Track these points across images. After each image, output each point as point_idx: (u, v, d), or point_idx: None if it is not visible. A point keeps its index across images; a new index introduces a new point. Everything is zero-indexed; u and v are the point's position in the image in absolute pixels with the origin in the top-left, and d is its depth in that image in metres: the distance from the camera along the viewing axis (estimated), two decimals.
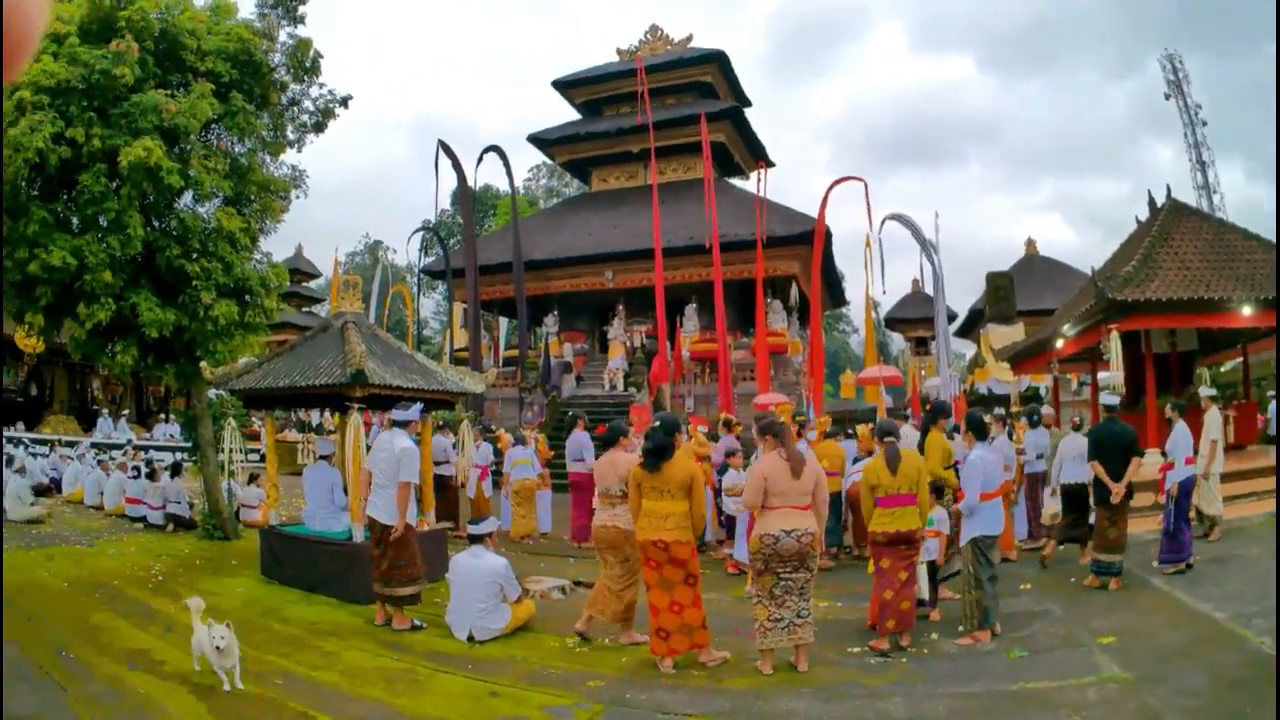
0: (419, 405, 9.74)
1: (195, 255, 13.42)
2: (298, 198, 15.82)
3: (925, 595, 8.79)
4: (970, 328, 41.08)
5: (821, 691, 6.75)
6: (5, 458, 17.85)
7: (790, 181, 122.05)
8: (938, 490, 9.15)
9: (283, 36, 15.13)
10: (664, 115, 32.57)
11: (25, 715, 6.16)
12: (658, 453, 7.59)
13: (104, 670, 7.33)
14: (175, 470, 16.69)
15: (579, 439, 14.72)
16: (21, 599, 9.71)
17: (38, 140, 11.81)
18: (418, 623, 9.06)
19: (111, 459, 19.51)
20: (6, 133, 11.98)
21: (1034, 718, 6.08)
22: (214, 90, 13.38)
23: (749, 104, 37.52)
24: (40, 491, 18.31)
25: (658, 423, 8.09)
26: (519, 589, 8.81)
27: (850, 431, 13.93)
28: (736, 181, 36.86)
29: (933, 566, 9.02)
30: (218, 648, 6.69)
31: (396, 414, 9.44)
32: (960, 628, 8.28)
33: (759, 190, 28.10)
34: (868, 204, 23.56)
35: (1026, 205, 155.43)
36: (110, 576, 11.33)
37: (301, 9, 15.38)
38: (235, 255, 13.74)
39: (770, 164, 32.04)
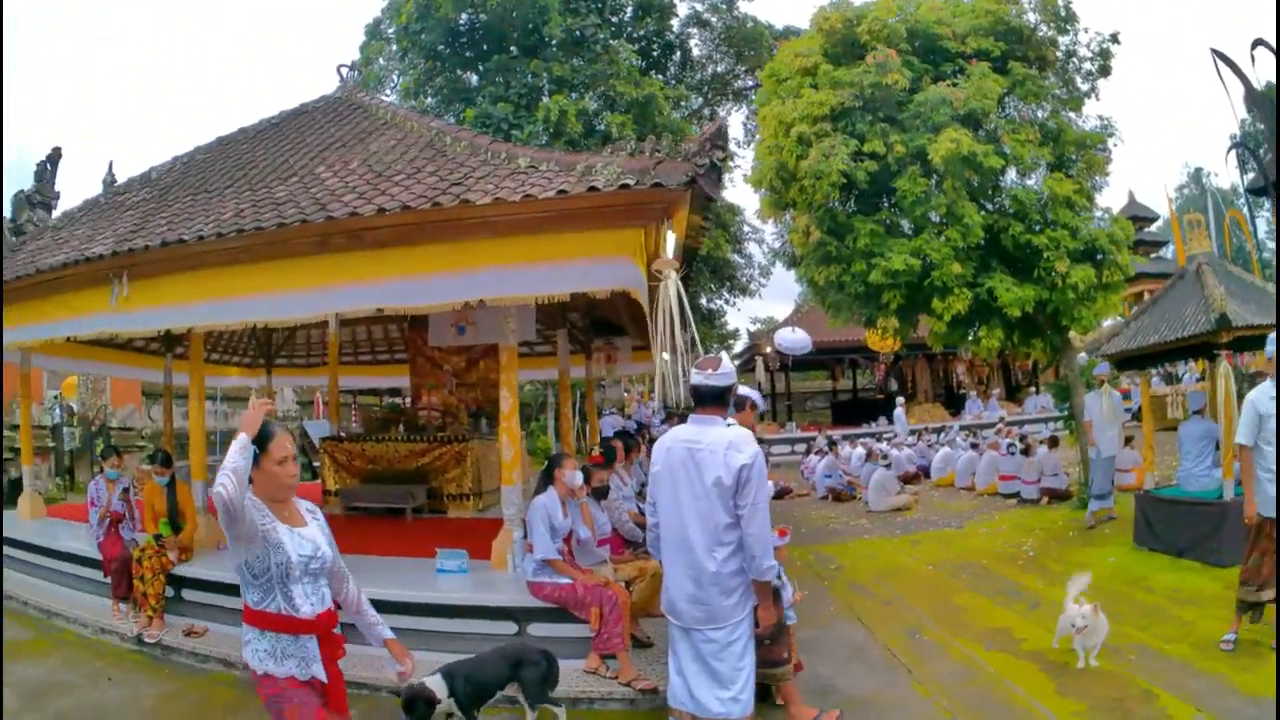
0: None
1: (1039, 227, 13.53)
2: (1115, 145, 15.18)
3: None
4: None
5: None
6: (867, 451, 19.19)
7: None
8: None
9: None
10: None
11: (859, 696, 6.48)
12: None
13: (957, 651, 7.49)
14: (1053, 443, 16.64)
15: None
16: (879, 585, 10.31)
17: (836, 164, 12.72)
18: None
19: (983, 439, 20.03)
20: (799, 165, 13.11)
21: None
22: (991, 67, 13.41)
23: None
24: (907, 479, 19.27)
25: None
26: None
27: None
28: None
29: None
30: (1074, 626, 6.64)
31: None
32: None
33: None
34: None
35: None
36: (979, 556, 11.58)
37: None
38: (1077, 218, 13.63)
39: None
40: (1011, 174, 14.47)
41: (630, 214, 6.73)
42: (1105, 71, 15.06)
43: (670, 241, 6.92)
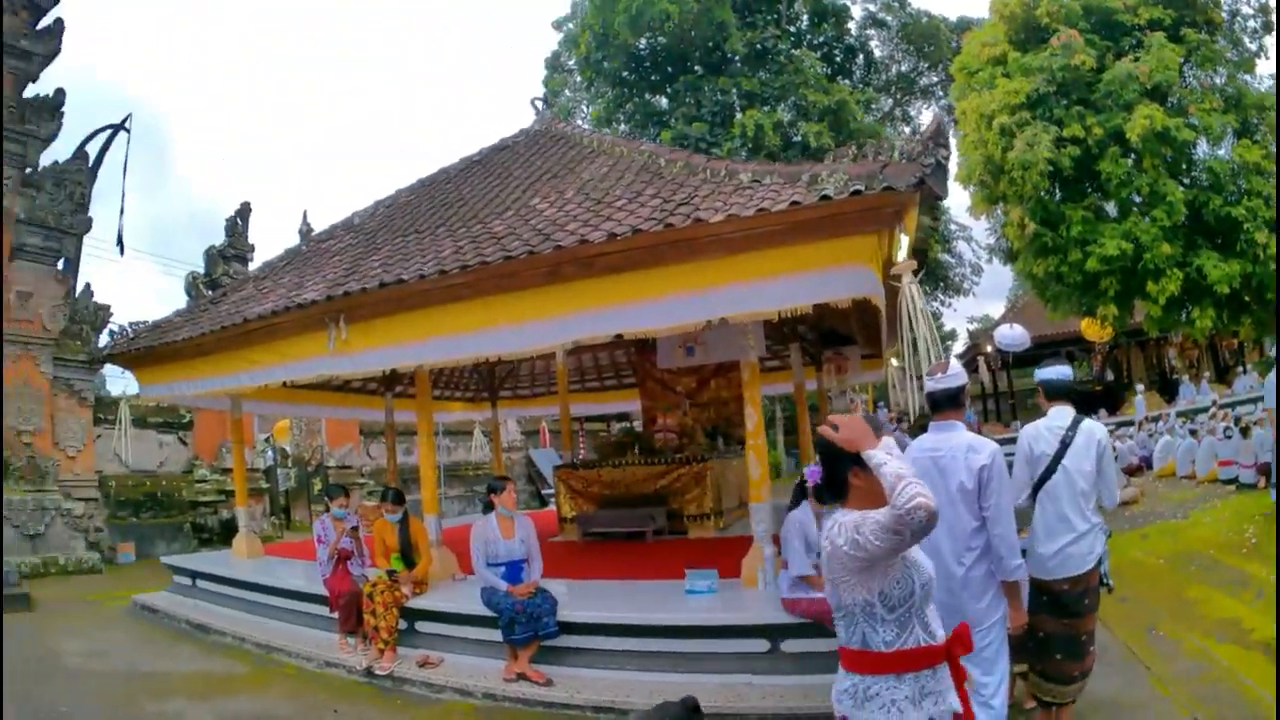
0: None
1: (1235, 198, 13.38)
2: None
3: None
4: None
5: None
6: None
7: None
8: None
9: None
10: None
11: (1106, 698, 6.41)
12: None
13: (1191, 645, 7.44)
14: None
15: None
16: (1114, 581, 10.02)
17: (1042, 152, 12.65)
18: None
19: (1201, 424, 19.32)
20: (1005, 157, 12.95)
21: None
22: (1166, 36, 13.19)
23: None
24: (1131, 471, 18.65)
25: None
26: None
27: None
28: None
29: None
30: None
31: None
32: None
33: None
34: None
35: None
36: (1205, 546, 11.27)
37: None
38: (1268, 185, 13.42)
39: None
40: (1201, 145, 14.15)
41: (862, 220, 6.67)
42: (1269, 27, 14.82)
43: (904, 244, 6.87)
